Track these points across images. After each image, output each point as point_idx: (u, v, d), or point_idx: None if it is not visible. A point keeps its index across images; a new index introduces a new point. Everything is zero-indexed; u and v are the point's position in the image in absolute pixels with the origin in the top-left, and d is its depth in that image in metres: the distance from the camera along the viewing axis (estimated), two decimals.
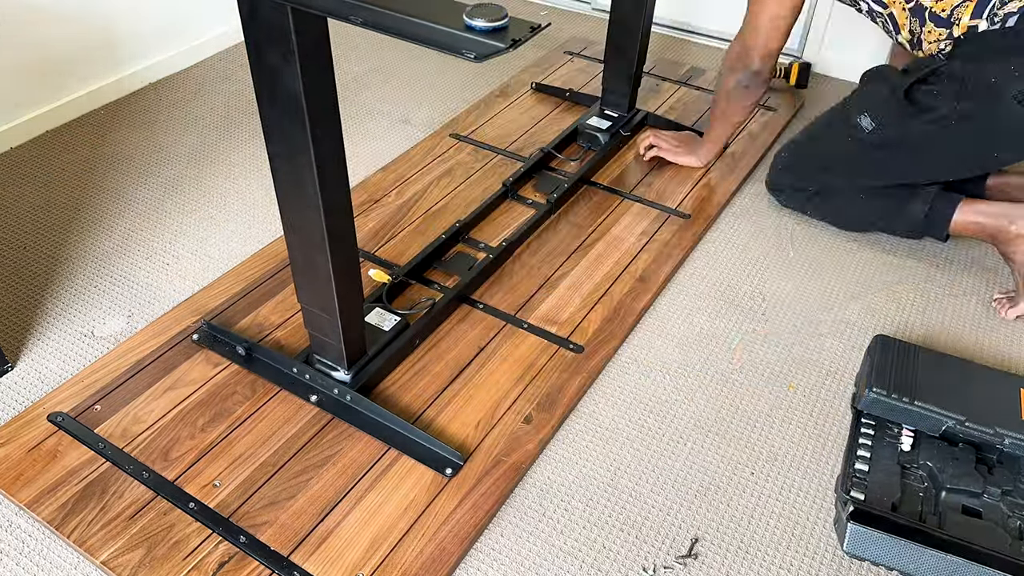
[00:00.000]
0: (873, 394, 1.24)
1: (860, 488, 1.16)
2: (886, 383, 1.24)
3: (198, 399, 1.31)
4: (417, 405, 1.32)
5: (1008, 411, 1.20)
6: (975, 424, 1.18)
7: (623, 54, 1.91)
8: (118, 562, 1.09)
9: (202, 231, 1.71)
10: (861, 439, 1.23)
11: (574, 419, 1.32)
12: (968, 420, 1.19)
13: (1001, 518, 1.12)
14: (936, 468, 1.18)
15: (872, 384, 1.25)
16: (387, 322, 1.40)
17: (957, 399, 1.21)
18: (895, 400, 1.22)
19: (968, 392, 1.23)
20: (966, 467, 1.17)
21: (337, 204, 1.11)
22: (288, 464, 1.22)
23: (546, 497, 1.21)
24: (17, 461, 1.21)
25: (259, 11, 0.93)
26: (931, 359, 1.30)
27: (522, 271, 1.60)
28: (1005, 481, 1.15)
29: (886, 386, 1.24)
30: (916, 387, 1.24)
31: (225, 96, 2.19)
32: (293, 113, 1.00)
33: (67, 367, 1.39)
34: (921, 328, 1.51)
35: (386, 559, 1.10)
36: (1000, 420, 1.18)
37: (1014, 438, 1.16)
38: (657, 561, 1.13)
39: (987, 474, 1.17)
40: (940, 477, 1.16)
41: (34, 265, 1.61)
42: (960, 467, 1.17)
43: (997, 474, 1.17)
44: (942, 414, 1.20)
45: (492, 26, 0.80)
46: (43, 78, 1.98)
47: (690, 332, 1.48)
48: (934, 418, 1.20)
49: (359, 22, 0.84)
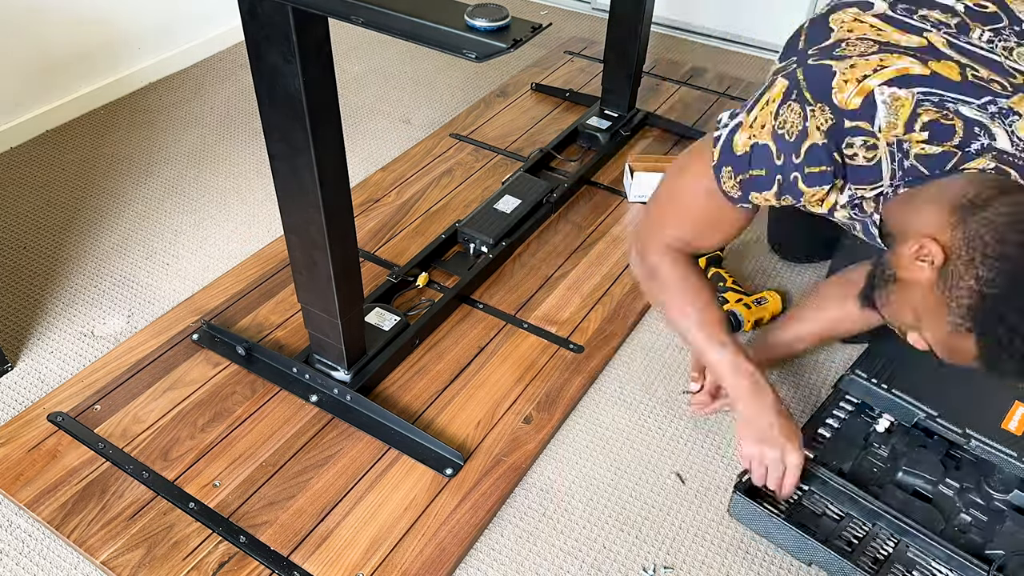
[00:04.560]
0: (854, 376, 1.26)
1: (813, 449, 1.20)
2: (872, 368, 1.27)
3: (198, 399, 1.31)
4: (417, 405, 1.32)
5: (989, 417, 1.19)
6: (946, 421, 1.20)
7: (623, 54, 1.91)
8: (118, 562, 1.09)
9: (202, 231, 1.71)
10: (835, 411, 1.26)
11: (574, 419, 1.32)
12: (940, 416, 1.20)
13: (950, 509, 1.14)
14: (901, 451, 1.20)
15: (856, 366, 1.28)
16: (387, 322, 1.40)
17: (938, 395, 1.22)
18: (874, 384, 1.25)
19: (957, 392, 1.23)
20: (931, 457, 1.19)
21: (337, 204, 1.11)
22: (288, 464, 1.22)
23: (546, 497, 1.21)
24: (17, 461, 1.21)
25: (259, 11, 0.93)
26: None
27: (522, 271, 1.60)
28: (968, 479, 1.17)
29: (870, 370, 1.27)
30: (901, 377, 1.25)
31: (225, 96, 2.18)
32: (293, 113, 1.00)
33: (67, 367, 1.39)
34: None
35: (386, 559, 1.10)
36: (975, 423, 1.18)
37: (981, 441, 1.16)
38: (657, 561, 1.13)
39: (952, 469, 1.18)
40: (901, 460, 1.19)
41: (34, 265, 1.61)
42: (924, 455, 1.19)
43: (963, 471, 1.18)
44: (915, 405, 1.22)
45: (493, 26, 0.80)
46: (43, 78, 1.98)
47: None
48: (907, 408, 1.22)
49: (360, 22, 0.84)
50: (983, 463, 1.17)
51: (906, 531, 1.09)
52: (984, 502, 1.14)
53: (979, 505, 1.14)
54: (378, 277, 1.55)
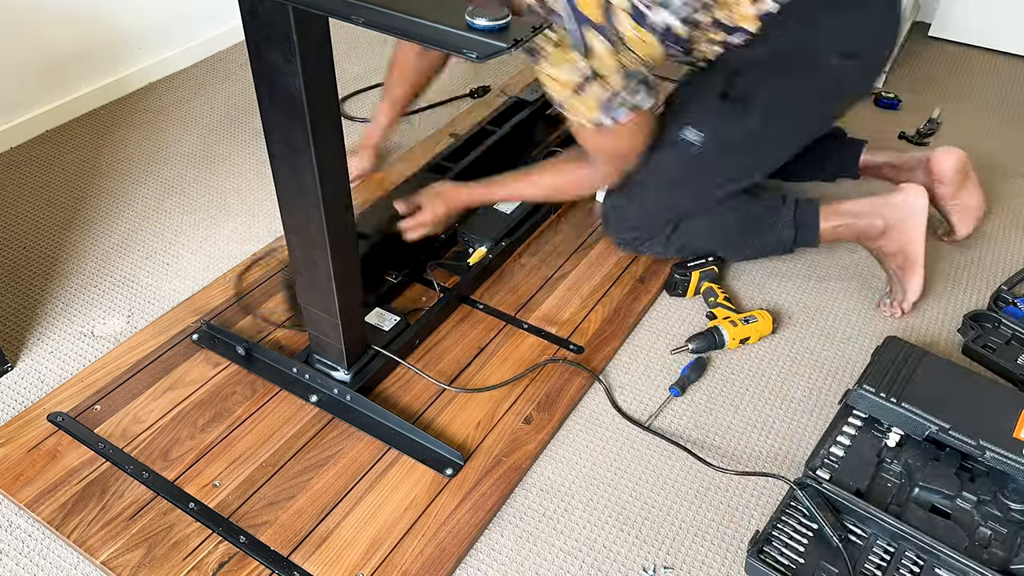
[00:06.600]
0: (862, 390, 1.24)
1: (828, 469, 1.18)
2: (878, 382, 1.24)
3: (198, 399, 1.31)
4: (417, 405, 1.32)
5: (1001, 427, 1.17)
6: (958, 434, 1.17)
7: None
8: (118, 562, 1.09)
9: (202, 231, 1.71)
10: (845, 427, 1.24)
11: (574, 419, 1.32)
12: (952, 429, 1.17)
13: (969, 523, 1.12)
14: (915, 466, 1.18)
15: (863, 380, 1.25)
16: (387, 322, 1.40)
17: (948, 407, 1.19)
18: (882, 399, 1.22)
19: (965, 403, 1.21)
20: (946, 470, 1.17)
21: (337, 204, 1.11)
22: (288, 464, 1.22)
23: (546, 497, 1.21)
24: (17, 461, 1.21)
25: (259, 11, 0.93)
26: (937, 365, 1.28)
27: (522, 271, 1.60)
28: (984, 491, 1.15)
29: (877, 384, 1.24)
30: (908, 389, 1.23)
31: (225, 96, 2.18)
32: (293, 113, 1.00)
33: (67, 367, 1.39)
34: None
35: (386, 559, 1.10)
36: (987, 434, 1.16)
37: (996, 453, 1.14)
38: (657, 561, 1.13)
39: (968, 481, 1.16)
40: (916, 475, 1.17)
41: (34, 265, 1.61)
42: (939, 469, 1.17)
43: (979, 484, 1.16)
44: (926, 418, 1.19)
45: (494, 25, 0.80)
46: (43, 77, 1.98)
47: (689, 333, 1.47)
48: (918, 421, 1.19)
49: (360, 22, 0.84)
50: (997, 474, 1.15)
51: (933, 552, 1.07)
52: (1002, 514, 1.13)
53: (997, 517, 1.12)
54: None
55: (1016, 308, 1.50)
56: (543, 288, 1.56)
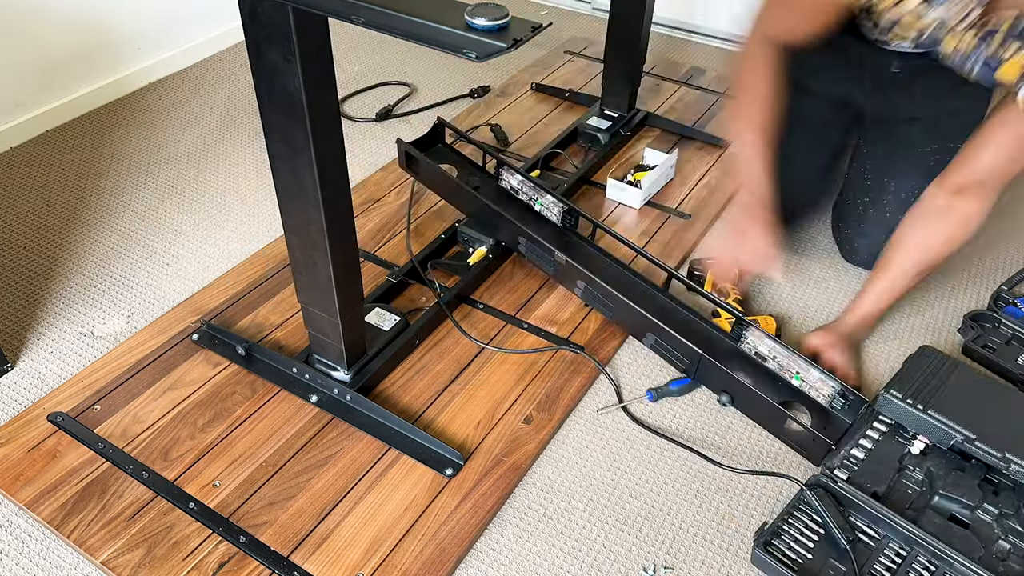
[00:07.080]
0: (889, 396, 1.22)
1: (847, 470, 1.17)
2: (906, 388, 1.22)
3: (198, 399, 1.31)
4: (417, 405, 1.32)
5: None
6: (984, 445, 1.15)
7: (623, 54, 1.91)
8: (118, 562, 1.09)
9: (202, 231, 1.71)
10: (868, 431, 1.22)
11: (574, 419, 1.32)
12: (979, 440, 1.15)
13: (988, 535, 1.11)
14: (937, 474, 1.16)
15: (891, 386, 1.23)
16: (387, 322, 1.40)
17: (976, 418, 1.17)
18: (908, 405, 1.20)
19: (993, 414, 1.19)
20: (968, 481, 1.15)
21: (337, 204, 1.11)
22: (288, 464, 1.22)
23: (546, 497, 1.21)
24: (17, 461, 1.21)
25: (259, 11, 0.93)
26: (968, 377, 1.26)
27: (522, 271, 1.60)
28: (1007, 504, 1.13)
29: (904, 391, 1.22)
30: (937, 398, 1.20)
31: (225, 96, 2.19)
32: (293, 113, 1.00)
33: (67, 367, 1.39)
34: None
35: (386, 559, 1.10)
36: (1015, 447, 1.14)
37: (1021, 466, 1.12)
38: (657, 561, 1.13)
39: (991, 494, 1.15)
40: (937, 483, 1.15)
41: (34, 265, 1.61)
42: (962, 479, 1.15)
43: (1002, 497, 1.14)
44: (952, 428, 1.17)
45: (493, 25, 0.80)
46: (43, 78, 1.98)
47: None
48: (943, 430, 1.17)
49: (360, 22, 0.84)
50: (1022, 489, 1.14)
51: (945, 559, 1.06)
52: (1023, 528, 1.12)
53: (1018, 532, 1.11)
54: (378, 277, 1.55)
55: (1016, 308, 1.51)
56: (543, 288, 1.56)
